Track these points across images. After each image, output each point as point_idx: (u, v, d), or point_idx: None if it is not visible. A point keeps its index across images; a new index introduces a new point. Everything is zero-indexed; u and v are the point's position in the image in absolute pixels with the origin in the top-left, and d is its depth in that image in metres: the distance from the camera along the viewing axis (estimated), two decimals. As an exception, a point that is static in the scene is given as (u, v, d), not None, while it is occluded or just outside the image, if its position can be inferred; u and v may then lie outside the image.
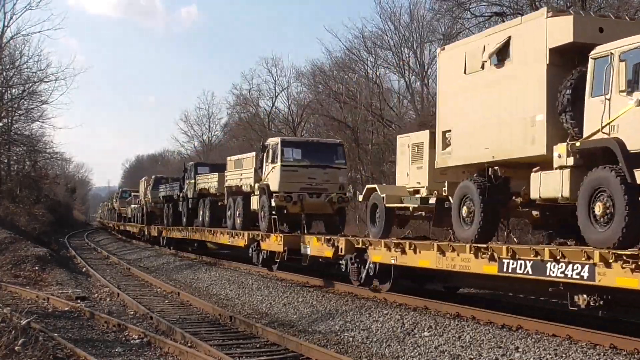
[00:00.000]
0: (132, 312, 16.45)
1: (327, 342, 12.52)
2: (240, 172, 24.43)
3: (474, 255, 11.93)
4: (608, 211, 9.85)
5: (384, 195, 16.32)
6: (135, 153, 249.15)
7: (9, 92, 43.58)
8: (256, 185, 22.40)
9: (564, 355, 10.04)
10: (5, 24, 43.09)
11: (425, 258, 13.52)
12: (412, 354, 11.39)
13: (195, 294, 19.41)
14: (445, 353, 11.14)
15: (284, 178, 20.63)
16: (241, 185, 23.99)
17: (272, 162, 21.11)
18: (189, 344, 11.96)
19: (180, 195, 32.17)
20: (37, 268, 25.05)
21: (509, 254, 11.15)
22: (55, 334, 12.55)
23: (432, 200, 14.84)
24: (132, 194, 53.36)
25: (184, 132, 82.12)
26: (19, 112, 44.69)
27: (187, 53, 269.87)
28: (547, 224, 12.70)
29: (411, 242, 14.14)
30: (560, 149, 10.75)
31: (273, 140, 22.03)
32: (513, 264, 11.06)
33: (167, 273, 26.46)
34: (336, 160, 21.52)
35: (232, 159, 26.28)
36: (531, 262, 10.70)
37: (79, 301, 17.88)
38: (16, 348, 9.82)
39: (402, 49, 39.38)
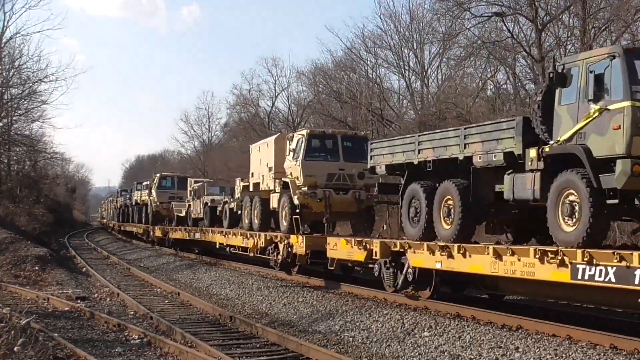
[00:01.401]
0: (132, 312, 16.45)
1: (327, 342, 12.52)
2: None
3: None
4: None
5: None
6: (135, 153, 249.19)
7: (9, 92, 43.61)
8: None
9: (564, 355, 10.04)
10: (5, 23, 43.16)
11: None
12: (412, 354, 11.38)
13: (195, 294, 19.40)
14: (445, 353, 11.13)
15: None
16: None
17: None
18: (189, 344, 11.96)
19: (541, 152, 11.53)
20: (37, 268, 25.05)
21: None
22: (55, 334, 12.54)
23: None
24: (194, 180, 33.97)
25: (184, 132, 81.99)
26: (19, 112, 44.71)
27: (188, 52, 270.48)
28: None
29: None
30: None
31: None
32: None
33: (167, 273, 26.46)
34: None
35: None
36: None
37: (79, 301, 17.87)
38: (15, 348, 9.82)
39: (402, 49, 39.42)
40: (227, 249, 24.77)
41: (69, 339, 12.42)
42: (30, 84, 43.13)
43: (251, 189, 23.08)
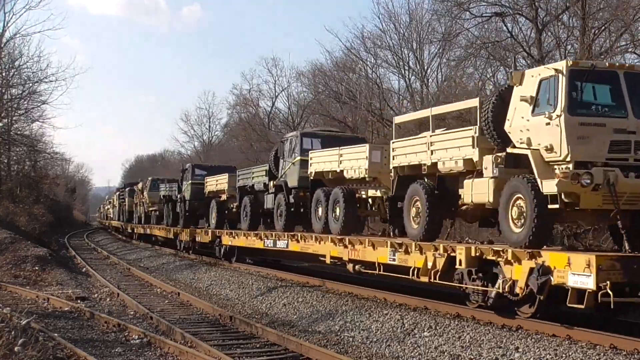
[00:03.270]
0: (132, 312, 16.45)
1: (327, 342, 12.53)
2: None
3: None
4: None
5: None
6: (135, 153, 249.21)
7: (9, 92, 43.59)
8: None
9: (564, 355, 10.04)
10: (5, 24, 43.13)
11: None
12: (412, 354, 11.39)
13: (195, 294, 19.40)
14: (445, 353, 11.13)
15: None
16: None
17: None
18: (189, 344, 11.97)
19: None
20: (37, 268, 25.05)
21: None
22: (55, 334, 12.55)
23: None
24: None
25: (184, 132, 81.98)
26: (19, 112, 44.71)
27: (189, 52, 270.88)
28: None
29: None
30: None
31: None
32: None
33: (167, 273, 26.45)
34: None
35: None
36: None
37: (79, 301, 17.89)
38: (16, 348, 9.82)
39: (401, 49, 39.41)
40: None
41: (69, 339, 12.43)
42: (30, 84, 43.18)
43: None
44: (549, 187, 10.81)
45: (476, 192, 12.45)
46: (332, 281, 18.60)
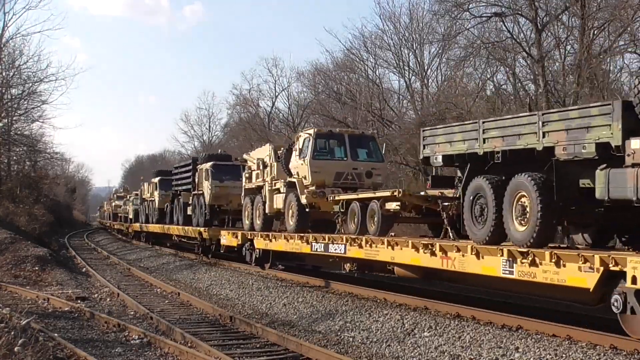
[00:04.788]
0: (132, 312, 16.46)
1: (327, 342, 12.53)
2: None
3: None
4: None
5: None
6: (135, 153, 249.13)
7: (9, 92, 43.60)
8: None
9: (564, 355, 10.04)
10: (5, 24, 43.13)
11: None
12: (412, 354, 11.39)
13: (195, 294, 19.41)
14: (445, 353, 11.14)
15: None
16: None
17: None
18: (189, 344, 11.97)
19: None
20: (37, 268, 25.06)
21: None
22: (55, 334, 12.55)
23: None
24: None
25: (184, 132, 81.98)
26: (18, 112, 44.72)
27: (189, 52, 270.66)
28: None
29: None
30: None
31: None
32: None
33: (167, 273, 26.45)
34: None
35: None
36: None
37: (79, 301, 17.89)
38: (16, 348, 9.82)
39: (401, 49, 39.46)
40: None
41: (69, 339, 12.44)
42: (30, 84, 43.19)
43: None
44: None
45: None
46: (332, 281, 18.62)
